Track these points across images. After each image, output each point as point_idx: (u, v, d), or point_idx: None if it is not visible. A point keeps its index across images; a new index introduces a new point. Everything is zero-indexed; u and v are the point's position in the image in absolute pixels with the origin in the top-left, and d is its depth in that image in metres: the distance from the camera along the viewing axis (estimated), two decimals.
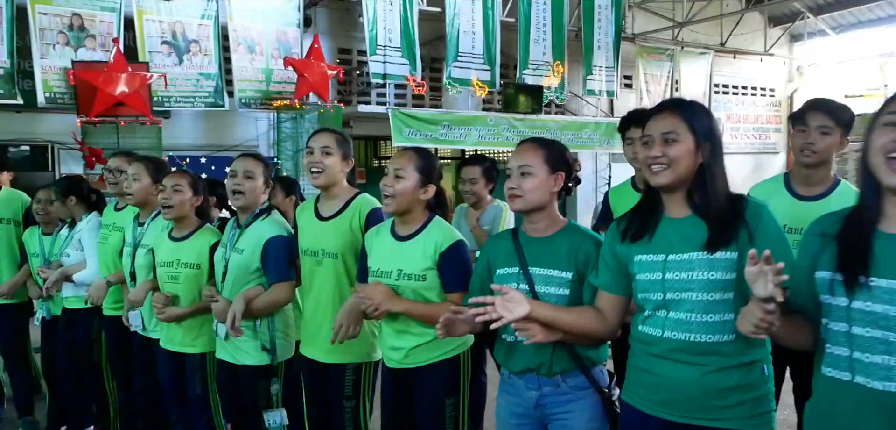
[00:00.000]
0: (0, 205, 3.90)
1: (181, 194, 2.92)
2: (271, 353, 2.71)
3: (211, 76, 7.77)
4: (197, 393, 2.96)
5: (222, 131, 8.43)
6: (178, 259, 2.92)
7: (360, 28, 8.74)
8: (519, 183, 2.01)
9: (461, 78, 9.26)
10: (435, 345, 2.27)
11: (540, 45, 9.86)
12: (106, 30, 7.13)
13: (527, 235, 2.08)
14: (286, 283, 2.69)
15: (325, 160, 2.54)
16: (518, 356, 2.03)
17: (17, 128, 7.32)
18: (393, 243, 2.35)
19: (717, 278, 1.66)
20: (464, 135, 8.96)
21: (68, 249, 3.66)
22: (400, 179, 2.29)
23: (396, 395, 2.39)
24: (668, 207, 1.79)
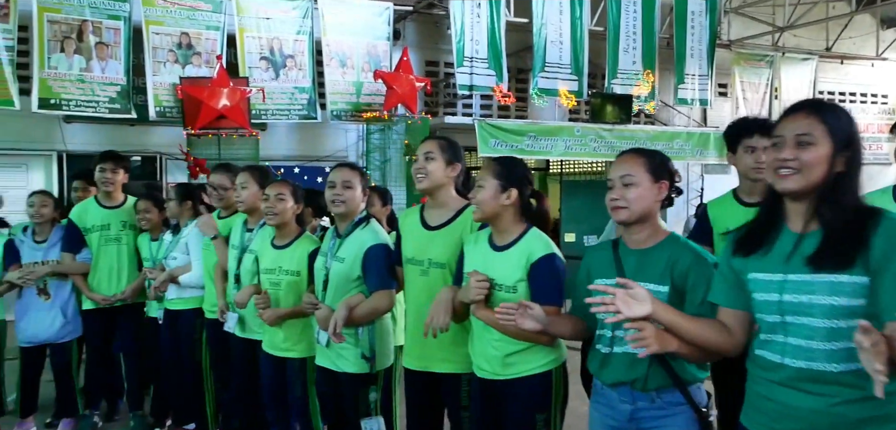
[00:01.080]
0: (126, 213, 4.17)
1: (284, 203, 2.99)
2: (371, 361, 2.72)
3: (305, 90, 8.08)
4: (297, 397, 3.03)
5: (314, 142, 8.74)
6: (280, 266, 3.01)
7: (447, 40, 8.85)
8: (622, 194, 1.94)
9: (548, 88, 9.18)
10: (528, 357, 2.24)
11: (629, 54, 9.63)
12: (210, 47, 7.57)
13: (627, 246, 2.02)
14: (387, 291, 2.67)
15: (427, 165, 2.54)
16: (612, 368, 1.97)
17: (130, 140, 7.88)
18: (488, 252, 2.33)
19: (841, 304, 1.51)
20: (550, 145, 8.85)
21: (174, 252, 3.87)
22: (480, 189, 2.30)
23: (485, 405, 2.34)
24: (790, 219, 1.65)
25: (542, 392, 2.25)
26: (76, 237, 4.07)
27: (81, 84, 7.01)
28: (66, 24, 6.91)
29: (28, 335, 4.09)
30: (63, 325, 4.11)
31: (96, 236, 4.09)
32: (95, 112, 7.15)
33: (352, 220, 2.79)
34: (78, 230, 4.07)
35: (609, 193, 1.99)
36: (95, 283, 4.09)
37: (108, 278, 4.10)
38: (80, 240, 4.08)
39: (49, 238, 4.12)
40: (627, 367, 1.92)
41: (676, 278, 1.89)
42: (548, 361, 2.26)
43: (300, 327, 2.99)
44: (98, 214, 4.12)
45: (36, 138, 7.52)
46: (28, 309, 4.07)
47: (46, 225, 4.12)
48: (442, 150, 2.55)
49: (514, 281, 2.23)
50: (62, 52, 6.90)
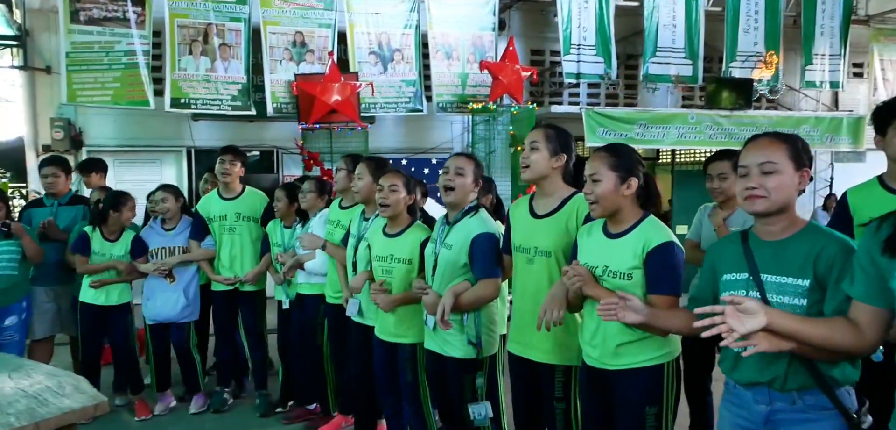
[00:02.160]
0: (241, 204, 4.44)
1: (397, 194, 3.08)
2: (477, 347, 2.77)
3: (411, 83, 8.21)
4: (408, 381, 3.11)
5: (420, 134, 8.87)
6: (392, 254, 3.09)
7: (553, 28, 8.69)
8: (761, 182, 1.80)
9: (659, 74, 8.80)
10: (641, 348, 2.19)
11: (750, 35, 9.03)
12: (322, 44, 7.86)
13: (758, 237, 1.88)
14: (492, 279, 2.71)
15: (531, 155, 2.56)
16: (746, 367, 1.84)
17: (249, 135, 8.35)
18: (603, 240, 2.29)
19: None
20: (661, 134, 8.49)
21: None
22: (597, 183, 2.23)
23: (593, 394, 2.33)
24: None
25: (654, 385, 2.20)
26: (201, 226, 4.41)
27: (207, 84, 7.49)
28: (193, 28, 7.40)
29: (153, 314, 4.45)
30: (184, 306, 4.44)
31: (217, 226, 4.39)
32: (219, 110, 7.62)
33: (462, 208, 2.84)
34: (203, 220, 4.40)
35: (742, 180, 1.84)
36: (218, 268, 4.40)
37: (225, 265, 4.39)
38: (204, 228, 4.40)
39: (176, 227, 4.48)
40: (763, 365, 1.80)
41: (820, 271, 1.73)
42: (661, 354, 2.21)
43: (411, 314, 3.06)
44: (218, 205, 4.42)
45: (168, 136, 8.13)
46: (154, 291, 4.43)
47: (175, 215, 4.48)
48: (547, 140, 2.55)
49: (628, 268, 2.18)
50: (190, 55, 7.40)
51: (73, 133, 7.79)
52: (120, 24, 7.12)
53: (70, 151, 7.69)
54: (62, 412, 2.48)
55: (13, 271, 4.11)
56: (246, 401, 4.69)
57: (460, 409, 2.81)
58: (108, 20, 7.09)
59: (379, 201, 3.11)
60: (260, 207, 4.47)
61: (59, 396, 2.61)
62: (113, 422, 4.26)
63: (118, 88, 7.17)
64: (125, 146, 8.09)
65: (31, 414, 2.43)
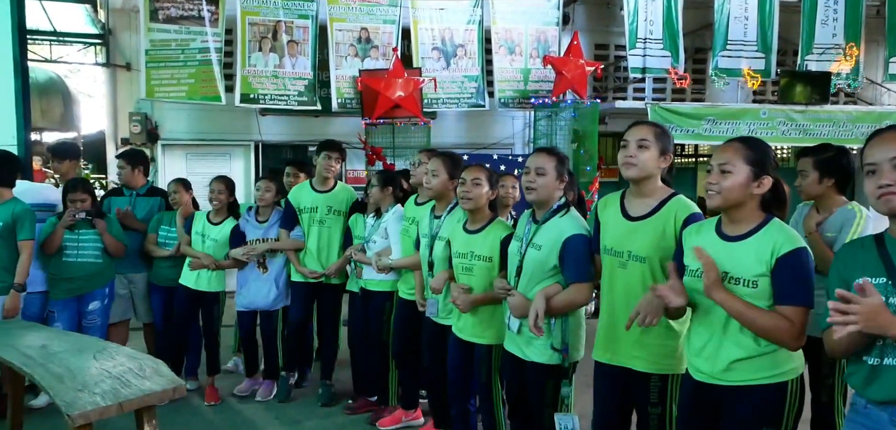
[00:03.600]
0: (333, 198, 4.50)
1: (480, 188, 3.00)
2: (562, 353, 2.67)
3: (474, 78, 8.20)
4: (482, 382, 3.07)
5: (482, 130, 8.86)
6: (472, 251, 3.03)
7: (617, 22, 8.52)
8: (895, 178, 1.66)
9: (730, 68, 8.50)
10: (759, 364, 2.02)
11: (829, 27, 8.61)
12: (386, 40, 7.95)
13: (894, 239, 1.73)
14: (586, 284, 2.61)
15: (639, 154, 2.39)
16: (883, 384, 1.67)
17: (314, 130, 8.52)
18: (719, 243, 2.09)
19: None
20: (731, 130, 8.19)
21: (375, 236, 4.09)
22: (726, 174, 2.04)
23: (698, 411, 2.15)
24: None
25: (774, 405, 2.02)
26: (292, 216, 4.50)
27: (275, 79, 7.70)
28: (263, 25, 7.62)
29: (245, 302, 4.63)
30: (275, 295, 4.58)
31: (307, 217, 4.47)
32: (286, 105, 7.81)
33: (549, 207, 2.72)
34: (293, 210, 4.49)
35: (872, 178, 1.70)
36: (304, 259, 4.49)
37: (313, 256, 4.47)
38: (294, 218, 4.50)
39: (270, 218, 4.61)
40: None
41: None
42: (784, 371, 2.03)
43: (490, 314, 3.00)
44: (310, 197, 4.49)
45: (237, 130, 8.40)
46: (248, 280, 4.59)
47: (269, 207, 4.62)
48: (657, 138, 2.41)
49: (754, 275, 1.99)
50: (260, 51, 7.62)
51: (150, 127, 8.16)
52: (195, 23, 7.40)
53: (146, 145, 8.05)
54: (144, 394, 2.61)
55: (97, 259, 4.34)
56: (307, 390, 4.80)
57: (539, 416, 2.72)
58: (184, 19, 7.38)
59: (461, 195, 3.04)
60: (347, 201, 4.54)
61: (141, 378, 2.75)
62: (184, 405, 4.42)
63: (192, 83, 7.45)
64: (197, 140, 8.40)
65: (116, 394, 2.57)
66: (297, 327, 4.61)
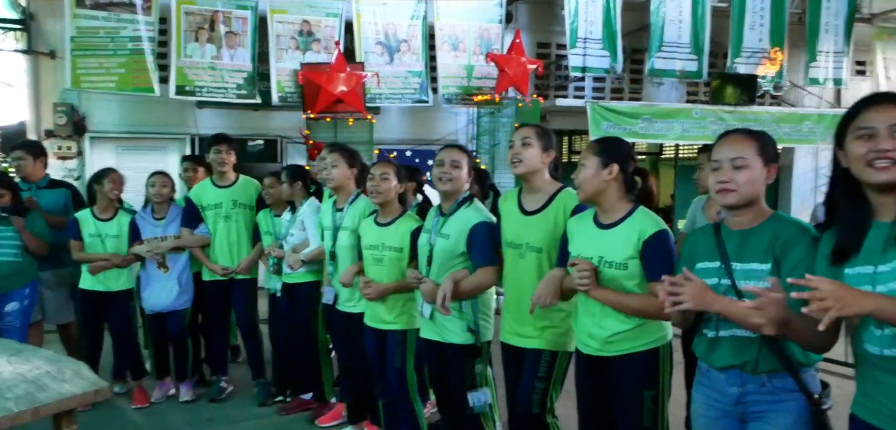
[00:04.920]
0: (237, 191, 4.43)
1: (388, 182, 3.15)
2: (475, 333, 2.84)
3: (417, 74, 8.18)
4: (396, 367, 3.18)
5: (425, 126, 8.85)
6: (383, 243, 3.16)
7: (559, 21, 8.66)
8: (732, 176, 1.91)
9: (664, 69, 8.79)
10: (634, 335, 2.30)
11: (756, 32, 9.01)
12: (329, 34, 7.83)
13: (729, 228, 1.99)
14: (491, 267, 2.78)
15: (524, 151, 2.64)
16: (721, 352, 1.95)
17: (254, 124, 8.32)
18: (595, 231, 2.37)
19: None
20: (666, 129, 8.49)
21: (292, 230, 4.06)
22: (582, 168, 2.37)
23: (591, 383, 2.41)
24: (876, 212, 1.63)
25: (651, 369, 2.31)
26: (194, 213, 4.39)
27: (212, 71, 7.46)
28: (199, 15, 7.36)
29: (150, 305, 4.45)
30: (178, 294, 4.43)
31: (211, 214, 4.38)
32: (224, 98, 7.59)
33: (456, 199, 2.90)
34: (195, 207, 4.39)
35: (715, 173, 1.94)
36: (213, 257, 4.39)
37: (222, 253, 4.37)
38: (197, 216, 4.39)
39: (167, 215, 4.45)
40: (737, 350, 1.91)
41: (777, 253, 1.86)
42: (656, 338, 2.31)
43: (401, 302, 3.15)
44: (213, 193, 4.41)
45: (172, 123, 8.09)
46: (150, 281, 4.42)
47: (165, 204, 4.45)
48: (538, 136, 2.66)
49: (624, 258, 2.27)
50: (196, 42, 7.37)
51: (76, 119, 7.77)
52: (126, 10, 7.09)
53: (73, 137, 7.68)
54: (62, 398, 2.47)
55: (15, 258, 4.10)
56: (239, 391, 4.67)
57: (460, 396, 2.87)
58: (114, 5, 7.06)
59: (370, 190, 3.18)
60: (254, 194, 4.48)
61: (59, 381, 2.60)
62: (111, 410, 4.25)
63: (123, 74, 7.14)
64: (129, 133, 8.05)
65: (30, 399, 2.42)
66: (217, 327, 4.50)
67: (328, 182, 3.58)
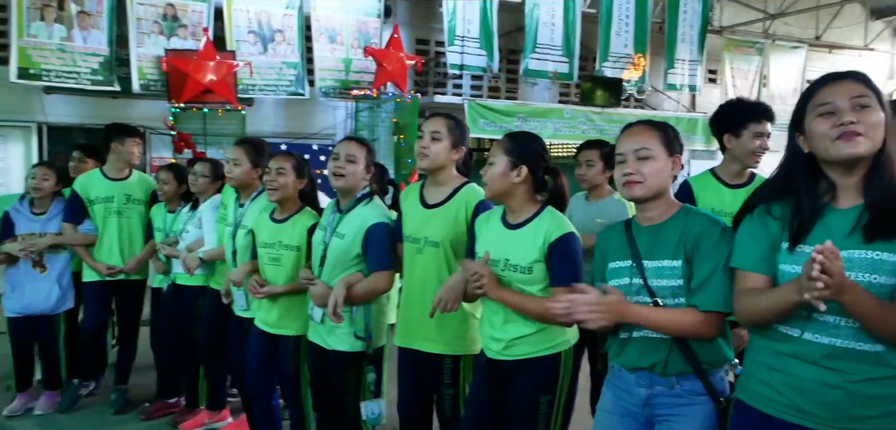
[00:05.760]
0: (132, 187, 4.09)
1: (285, 177, 2.92)
2: (365, 340, 2.68)
3: (293, 65, 7.94)
4: (289, 374, 2.98)
5: (302, 119, 8.62)
6: (280, 241, 2.94)
7: (438, 19, 8.74)
8: (637, 168, 1.85)
9: (538, 70, 9.13)
10: (536, 339, 2.20)
11: (621, 38, 9.59)
12: (197, 20, 7.41)
13: (639, 224, 1.94)
14: (387, 272, 2.64)
15: (432, 145, 2.47)
16: (630, 353, 1.91)
17: (113, 113, 7.63)
18: (502, 232, 2.25)
19: (878, 282, 1.46)
20: (539, 127, 8.79)
21: (189, 226, 3.80)
22: (490, 166, 2.22)
23: (489, 385, 2.31)
24: (838, 196, 1.57)
25: (549, 375, 2.21)
26: (78, 208, 3.99)
27: (62, 54, 6.83)
28: None
29: (19, 307, 4.00)
30: (58, 296, 4.05)
31: (100, 208, 4.01)
32: (77, 83, 6.98)
33: (354, 196, 2.72)
34: (81, 201, 3.99)
35: (621, 166, 1.88)
36: (100, 255, 4.02)
37: (111, 251, 4.03)
38: (82, 211, 4.00)
39: (49, 210, 4.04)
40: (645, 352, 1.88)
41: (688, 248, 1.82)
42: (556, 343, 2.21)
43: (296, 305, 2.93)
44: (103, 185, 4.03)
45: (14, 109, 7.31)
46: (21, 281, 3.99)
47: (46, 198, 4.04)
48: (450, 130, 2.49)
49: (529, 262, 2.16)
50: (42, 21, 6.70)
51: None
52: None
53: None
54: None
55: None
56: (99, 399, 4.31)
57: (343, 405, 2.72)
58: None
59: (267, 185, 2.95)
60: (148, 189, 4.15)
61: None
62: None
63: None
64: None
65: None
66: (95, 333, 4.14)
67: (231, 180, 3.32)
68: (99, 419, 4.03)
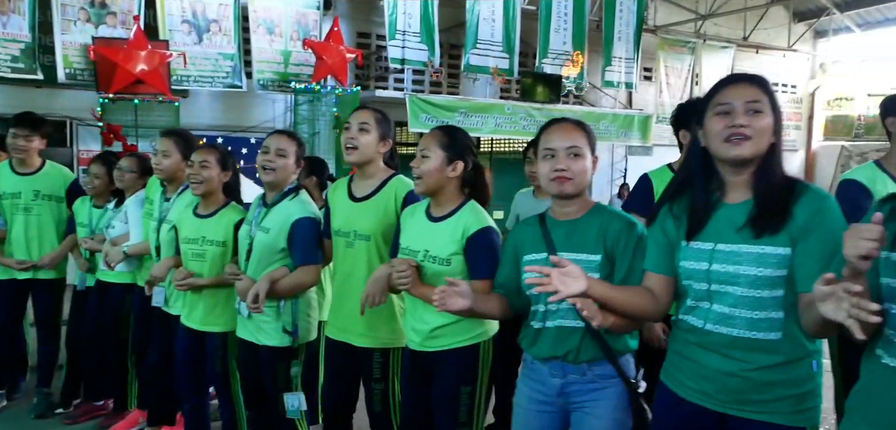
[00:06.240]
0: (41, 181, 3.89)
1: (209, 170, 2.86)
2: (293, 335, 2.68)
3: (230, 56, 7.76)
4: (217, 372, 2.93)
5: (240, 112, 8.43)
6: (204, 236, 2.88)
7: (379, 12, 8.70)
8: (569, 165, 1.89)
9: (479, 65, 9.21)
10: (456, 330, 2.24)
11: (560, 35, 9.76)
12: (127, 7, 7.14)
13: (554, 219, 1.99)
14: (313, 266, 2.63)
15: (361, 137, 2.49)
16: (544, 343, 1.96)
17: (37, 103, 7.28)
18: (425, 224, 2.29)
19: (765, 274, 1.57)
20: (481, 123, 8.90)
21: (114, 221, 3.66)
22: (425, 160, 2.24)
23: (415, 377, 2.35)
24: (728, 192, 1.68)
25: (469, 365, 2.25)
26: None
27: None
28: None
29: None
30: None
31: (7, 204, 3.82)
32: None
33: (281, 190, 2.70)
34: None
35: (550, 161, 1.91)
36: (8, 253, 3.83)
37: (19, 249, 3.83)
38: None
39: None
40: (559, 341, 1.93)
41: (609, 246, 1.88)
42: (475, 334, 2.25)
43: (223, 301, 2.89)
44: (10, 180, 3.83)
45: None
46: None
47: None
48: (377, 123, 2.51)
49: (448, 254, 2.20)
50: None
51: None
52: None
53: None
54: None
55: None
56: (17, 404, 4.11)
57: (274, 400, 2.71)
58: None
59: (190, 179, 2.89)
60: (64, 184, 3.95)
61: None
62: None
63: None
64: None
65: None
66: (5, 333, 3.94)
67: (159, 172, 3.22)
68: (19, 425, 3.86)
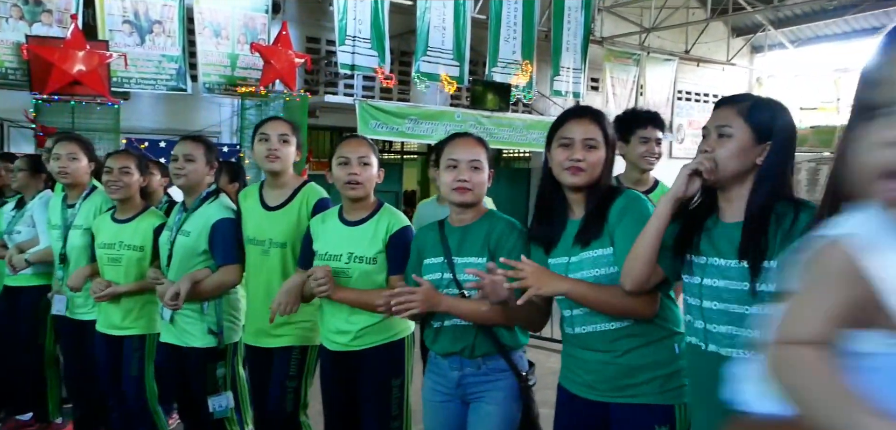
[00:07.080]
0: None
1: (130, 176, 2.89)
2: (218, 336, 2.72)
3: (174, 58, 7.57)
4: (133, 376, 2.92)
5: (185, 116, 8.22)
6: (121, 241, 2.90)
7: (329, 17, 8.64)
8: (471, 176, 2.05)
9: (430, 73, 9.24)
10: (382, 327, 2.36)
11: (510, 44, 9.89)
12: (63, 5, 6.88)
13: (451, 225, 2.15)
14: (234, 265, 2.70)
15: (283, 148, 2.60)
16: (443, 340, 2.12)
17: None
18: (342, 229, 2.41)
19: (604, 272, 1.81)
20: (430, 130, 8.91)
21: (19, 226, 3.54)
22: (367, 167, 2.37)
23: (338, 378, 2.43)
24: (571, 210, 1.92)
25: (398, 358, 2.41)
26: None
27: None
28: None
29: None
30: None
31: None
32: None
33: (199, 194, 2.76)
34: None
35: (453, 172, 2.04)
36: None
37: None
38: None
39: None
40: (456, 338, 2.08)
41: (492, 247, 2.04)
42: (400, 330, 2.40)
43: (140, 305, 2.93)
44: None
45: None
46: None
47: None
48: (293, 132, 2.66)
49: (374, 252, 2.34)
50: None
51: None
52: None
53: None
54: None
55: None
56: None
57: (201, 401, 2.74)
58: None
59: (108, 184, 2.90)
60: None
61: None
62: None
63: None
64: None
65: None
66: None
67: (63, 177, 3.15)
68: None
